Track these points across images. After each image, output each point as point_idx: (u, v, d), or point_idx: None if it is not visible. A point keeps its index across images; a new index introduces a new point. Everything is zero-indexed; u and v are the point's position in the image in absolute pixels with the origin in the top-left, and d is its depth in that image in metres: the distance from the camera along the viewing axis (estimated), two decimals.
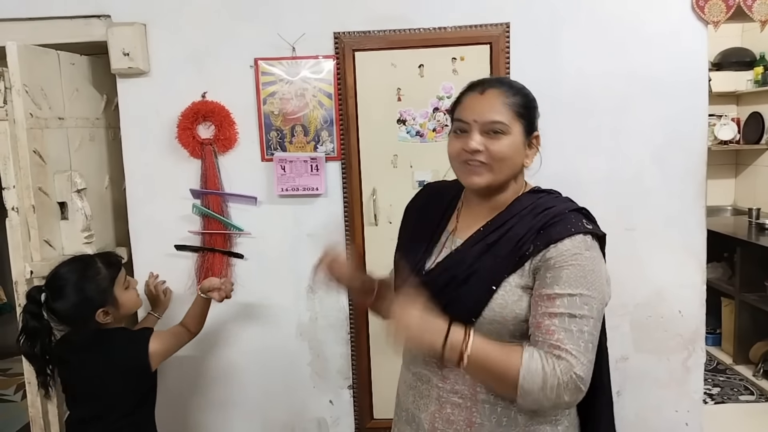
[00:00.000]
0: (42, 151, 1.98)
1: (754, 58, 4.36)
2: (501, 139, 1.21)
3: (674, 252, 2.15)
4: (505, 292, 1.18)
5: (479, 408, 1.22)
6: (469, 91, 1.28)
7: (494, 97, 1.23)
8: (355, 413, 2.27)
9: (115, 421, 1.73)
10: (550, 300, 1.14)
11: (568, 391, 1.09)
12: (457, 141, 1.24)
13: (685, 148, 2.12)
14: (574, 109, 2.10)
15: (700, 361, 2.21)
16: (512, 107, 1.23)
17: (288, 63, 2.11)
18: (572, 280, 1.15)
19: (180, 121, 2.12)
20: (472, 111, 1.23)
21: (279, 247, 2.21)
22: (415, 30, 2.07)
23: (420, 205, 1.43)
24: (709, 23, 2.06)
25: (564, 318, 1.13)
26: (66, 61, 2.11)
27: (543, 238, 1.18)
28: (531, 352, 1.11)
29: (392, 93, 2.10)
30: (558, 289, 1.14)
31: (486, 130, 1.21)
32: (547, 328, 1.13)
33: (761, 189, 4.41)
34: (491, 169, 1.22)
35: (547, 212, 1.22)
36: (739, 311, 3.84)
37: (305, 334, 2.25)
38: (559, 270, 1.15)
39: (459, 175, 1.27)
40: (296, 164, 2.13)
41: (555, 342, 1.11)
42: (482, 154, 1.21)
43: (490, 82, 1.27)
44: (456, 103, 1.29)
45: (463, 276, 1.21)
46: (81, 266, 1.72)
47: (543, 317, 1.14)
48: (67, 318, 1.72)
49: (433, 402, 1.26)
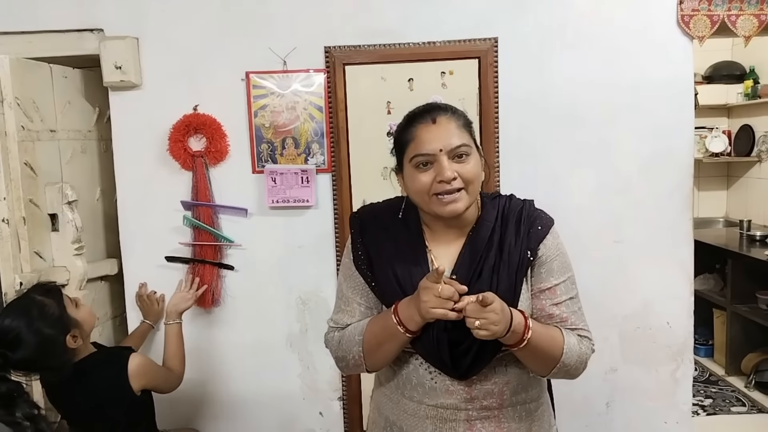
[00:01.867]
0: (33, 163, 1.99)
1: (744, 72, 4.41)
2: (468, 161, 1.22)
3: (662, 264, 2.17)
4: (522, 299, 1.26)
5: (505, 412, 1.29)
6: (416, 124, 1.25)
7: (447, 122, 1.24)
8: (345, 425, 2.27)
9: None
10: (551, 292, 1.27)
11: (588, 361, 1.29)
12: (424, 175, 1.21)
13: (672, 161, 2.14)
14: (562, 122, 2.12)
15: (688, 373, 2.22)
16: (465, 128, 1.25)
17: (279, 76, 2.12)
18: (561, 267, 1.29)
19: (171, 133, 2.14)
20: (433, 142, 1.21)
21: (269, 259, 2.21)
22: (405, 44, 2.09)
23: (377, 237, 1.32)
24: (694, 38, 2.09)
25: (567, 303, 1.28)
26: (58, 74, 2.13)
27: (534, 240, 1.27)
28: (567, 332, 1.26)
29: (382, 106, 2.12)
30: (554, 280, 1.27)
31: (452, 156, 1.21)
32: (560, 317, 1.27)
33: (753, 201, 4.44)
34: (467, 193, 1.22)
35: (523, 214, 1.30)
36: (731, 323, 3.85)
37: (295, 346, 2.25)
38: (550, 263, 1.28)
39: (434, 206, 1.22)
40: (287, 176, 2.14)
41: (570, 327, 1.27)
42: (456, 181, 1.20)
43: (433, 109, 1.26)
44: (404, 143, 1.25)
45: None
46: (24, 309, 1.58)
47: (552, 308, 1.27)
48: (35, 363, 1.58)
49: (461, 423, 1.27)
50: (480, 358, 1.22)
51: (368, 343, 1.27)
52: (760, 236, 3.90)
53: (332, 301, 2.21)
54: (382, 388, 1.38)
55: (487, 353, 1.22)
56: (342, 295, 1.37)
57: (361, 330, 1.29)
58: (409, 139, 1.25)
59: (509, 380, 1.28)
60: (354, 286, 1.34)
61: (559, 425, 2.24)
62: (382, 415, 1.37)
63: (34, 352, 1.55)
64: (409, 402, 1.30)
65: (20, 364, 1.55)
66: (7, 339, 1.53)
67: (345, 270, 1.37)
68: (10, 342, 1.53)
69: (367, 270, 1.31)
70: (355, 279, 1.34)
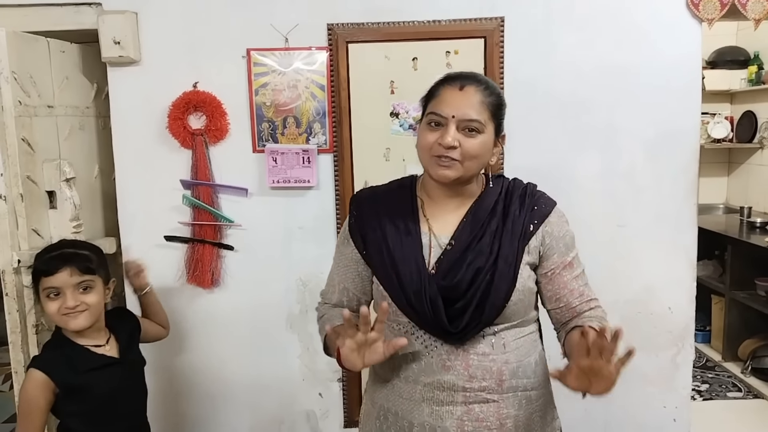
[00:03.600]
0: (30, 139, 1.96)
1: (748, 57, 4.37)
2: (475, 137, 1.22)
3: (665, 249, 2.16)
4: (522, 271, 1.26)
5: (505, 398, 1.26)
6: (446, 84, 1.26)
7: (473, 94, 1.23)
8: (344, 406, 2.26)
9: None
10: (570, 266, 1.30)
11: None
12: (431, 134, 1.23)
13: (677, 145, 2.12)
14: (567, 104, 2.09)
15: (689, 358, 2.22)
16: (489, 107, 1.24)
17: (281, 54, 2.09)
18: (572, 242, 1.32)
19: (171, 110, 2.10)
20: (450, 106, 1.22)
21: (270, 240, 2.19)
22: (410, 23, 2.05)
23: (372, 215, 1.33)
24: (703, 21, 2.06)
25: (582, 276, 1.32)
26: (56, 49, 2.09)
27: (538, 215, 1.29)
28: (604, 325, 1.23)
29: (385, 86, 2.09)
30: (571, 254, 1.31)
31: (462, 127, 1.21)
32: (579, 291, 1.30)
33: (753, 187, 4.43)
34: (462, 165, 1.22)
35: (527, 192, 1.32)
36: (729, 309, 3.86)
37: (295, 327, 2.24)
38: (564, 238, 1.30)
39: (428, 167, 1.26)
40: (288, 156, 2.12)
41: (587, 298, 1.31)
42: (456, 151, 1.21)
43: (468, 78, 1.26)
44: (431, 95, 1.27)
45: (489, 265, 1.23)
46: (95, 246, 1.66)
47: (572, 283, 1.30)
48: None
49: (458, 406, 1.25)
50: (476, 317, 1.22)
51: (328, 342, 1.32)
52: (760, 223, 3.90)
53: None
54: (376, 374, 1.37)
55: (483, 313, 1.22)
56: (331, 271, 1.42)
57: (328, 321, 1.33)
58: (434, 95, 1.27)
59: (508, 360, 1.26)
60: (339, 262, 1.39)
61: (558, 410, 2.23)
62: (376, 405, 1.35)
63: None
64: (404, 384, 1.29)
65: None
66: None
67: (337, 243, 1.41)
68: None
69: (360, 239, 1.33)
70: (341, 252, 1.38)
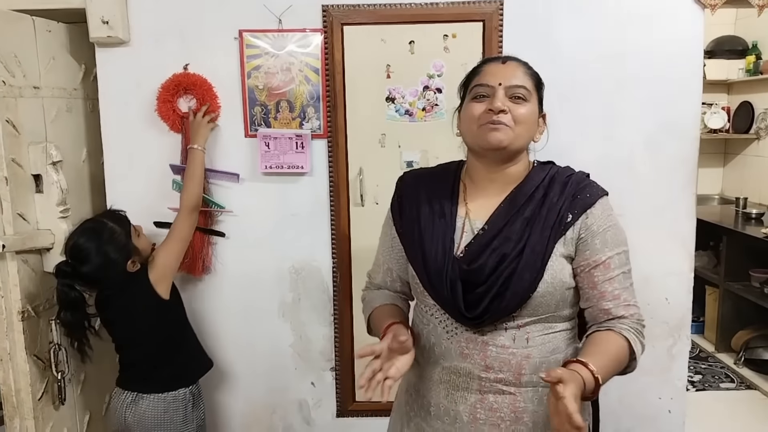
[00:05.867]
0: (16, 121, 1.90)
1: (746, 47, 4.34)
2: (523, 104, 1.24)
3: (663, 239, 2.13)
4: (553, 263, 1.21)
5: (523, 392, 1.24)
6: (489, 61, 1.31)
7: (516, 67, 1.27)
8: (337, 395, 2.24)
9: (155, 356, 1.90)
10: (605, 266, 1.22)
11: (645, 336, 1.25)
12: (480, 105, 1.24)
13: (677, 134, 2.08)
14: (567, 90, 2.05)
15: (685, 349, 2.20)
16: (532, 78, 1.28)
17: (274, 36, 2.03)
18: (615, 240, 1.24)
19: (160, 93, 2.05)
20: (497, 76, 1.24)
21: (262, 226, 2.15)
22: (407, 5, 2.00)
23: (413, 196, 1.36)
24: (706, 7, 2.02)
25: (620, 278, 1.23)
26: (42, 28, 2.02)
27: (579, 205, 1.24)
28: (631, 337, 1.20)
29: (381, 70, 2.04)
30: (609, 252, 1.22)
31: (510, 95, 1.23)
32: (613, 294, 1.22)
33: (749, 178, 4.42)
34: (513, 131, 1.22)
35: (572, 180, 1.28)
36: (723, 300, 3.86)
37: (287, 315, 2.21)
38: (603, 234, 1.23)
39: (479, 136, 1.24)
40: (281, 141, 2.07)
41: (623, 303, 1.22)
42: (506, 116, 1.22)
43: (507, 57, 1.31)
44: (473, 74, 1.30)
45: (515, 253, 1.21)
46: (96, 232, 1.80)
47: (604, 285, 1.22)
48: (96, 280, 1.82)
49: (473, 393, 1.25)
50: (495, 306, 1.20)
51: (372, 324, 1.40)
52: (755, 214, 3.89)
53: (326, 271, 2.18)
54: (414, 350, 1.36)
55: (503, 302, 1.20)
56: (377, 251, 1.47)
57: (373, 307, 1.40)
58: (476, 72, 1.30)
59: (530, 354, 1.23)
60: (383, 242, 1.44)
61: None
62: (406, 379, 1.38)
63: (97, 270, 1.79)
64: (427, 365, 1.31)
65: (84, 277, 1.80)
66: (77, 255, 1.78)
67: (383, 224, 1.45)
68: (79, 258, 1.78)
69: (399, 218, 1.37)
70: (385, 232, 1.43)
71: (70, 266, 1.79)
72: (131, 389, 1.90)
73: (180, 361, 1.95)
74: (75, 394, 2.17)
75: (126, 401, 1.89)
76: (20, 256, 1.93)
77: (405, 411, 1.40)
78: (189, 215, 1.96)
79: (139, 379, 1.91)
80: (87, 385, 2.21)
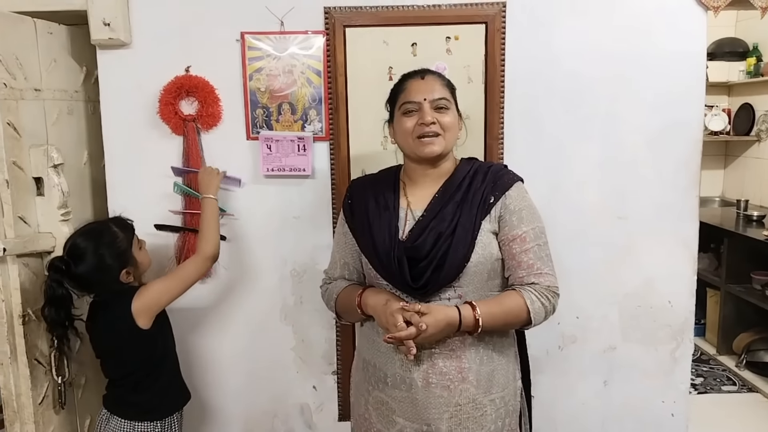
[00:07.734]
0: (17, 124, 1.89)
1: (747, 49, 4.34)
2: (447, 113, 1.48)
3: (665, 242, 2.12)
4: (482, 237, 1.45)
5: (467, 354, 1.46)
6: (408, 79, 1.53)
7: (434, 80, 1.51)
8: (339, 399, 2.23)
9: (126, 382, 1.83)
10: (521, 240, 1.46)
11: (556, 301, 1.48)
12: (410, 120, 1.48)
13: (680, 136, 2.08)
14: (569, 92, 2.05)
15: (688, 352, 2.19)
16: (447, 88, 1.52)
17: (276, 38, 2.03)
18: (529, 217, 1.48)
19: (162, 95, 2.04)
20: (420, 92, 1.48)
21: (264, 229, 2.14)
22: (409, 7, 2.00)
23: (361, 197, 1.58)
24: (709, 9, 2.02)
25: (535, 249, 1.47)
26: (43, 30, 2.02)
27: (499, 188, 1.49)
28: (529, 296, 1.43)
29: (383, 72, 2.04)
30: (524, 227, 1.47)
31: (434, 107, 1.47)
32: (527, 264, 1.46)
33: (750, 181, 4.41)
34: (443, 138, 1.47)
35: (491, 169, 1.53)
36: (725, 302, 3.85)
37: (289, 318, 2.20)
38: (519, 212, 1.48)
39: (417, 148, 1.48)
40: (283, 144, 2.06)
41: (537, 271, 1.46)
42: (436, 126, 1.46)
43: (424, 71, 1.54)
44: (397, 92, 1.53)
45: (449, 230, 1.44)
46: (98, 234, 1.79)
47: (521, 256, 1.46)
48: (87, 282, 1.78)
49: (424, 360, 1.45)
50: (436, 275, 1.42)
51: (339, 305, 1.61)
52: (756, 216, 3.88)
53: None
54: (362, 329, 1.62)
55: (442, 272, 1.42)
56: (332, 251, 1.69)
57: (338, 290, 1.61)
58: (401, 90, 1.53)
59: None
60: (338, 241, 1.65)
61: (555, 403, 2.22)
62: (360, 357, 1.61)
63: (89, 272, 1.75)
64: (381, 340, 1.46)
65: (76, 277, 1.76)
66: (74, 253, 1.76)
67: (337, 227, 1.68)
68: (75, 256, 1.76)
69: (350, 216, 1.59)
70: (339, 231, 1.64)
71: (64, 263, 1.75)
72: (105, 407, 1.86)
73: (152, 393, 1.85)
74: (76, 399, 2.16)
75: (102, 417, 1.86)
76: (21, 260, 1.92)
77: (365, 387, 1.58)
78: (203, 263, 1.87)
79: (111, 398, 1.87)
80: (88, 389, 2.20)
